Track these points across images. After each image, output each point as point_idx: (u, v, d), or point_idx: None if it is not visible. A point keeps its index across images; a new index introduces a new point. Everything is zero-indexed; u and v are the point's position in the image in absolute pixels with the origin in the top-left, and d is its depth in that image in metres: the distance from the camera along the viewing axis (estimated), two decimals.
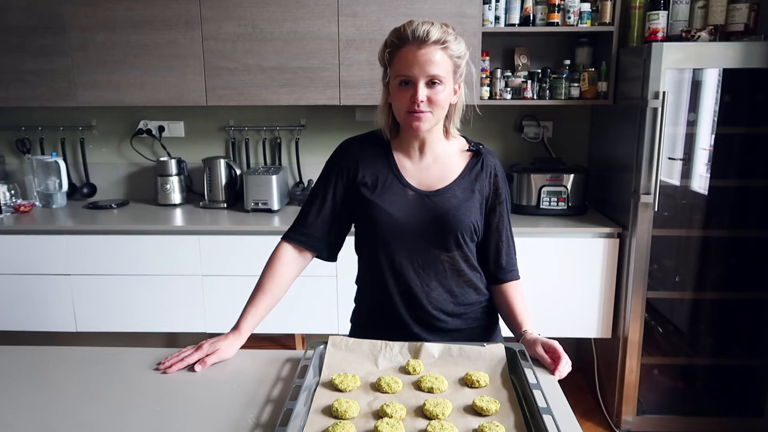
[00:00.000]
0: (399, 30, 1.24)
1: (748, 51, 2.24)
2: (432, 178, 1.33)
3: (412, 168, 1.34)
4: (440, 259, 1.32)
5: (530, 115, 2.95)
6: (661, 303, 2.64)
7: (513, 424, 1.00)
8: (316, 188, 1.40)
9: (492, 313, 1.43)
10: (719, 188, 2.49)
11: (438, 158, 1.35)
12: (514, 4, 2.58)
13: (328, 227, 1.38)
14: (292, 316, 2.57)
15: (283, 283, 1.37)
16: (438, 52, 1.21)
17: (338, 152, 1.40)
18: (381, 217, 1.30)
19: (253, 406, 1.10)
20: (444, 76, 1.22)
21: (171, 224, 2.62)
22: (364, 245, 1.38)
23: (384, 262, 1.33)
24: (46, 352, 1.32)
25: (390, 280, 1.33)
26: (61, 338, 2.84)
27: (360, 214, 1.35)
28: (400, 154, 1.36)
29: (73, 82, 2.62)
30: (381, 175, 1.34)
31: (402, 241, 1.31)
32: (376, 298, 1.37)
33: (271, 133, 3.03)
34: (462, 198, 1.31)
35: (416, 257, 1.32)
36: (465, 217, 1.30)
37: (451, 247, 1.32)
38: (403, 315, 1.34)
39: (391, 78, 1.26)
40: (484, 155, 1.36)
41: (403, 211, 1.30)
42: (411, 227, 1.30)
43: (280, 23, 2.54)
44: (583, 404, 2.77)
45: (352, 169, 1.35)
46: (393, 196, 1.31)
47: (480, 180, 1.34)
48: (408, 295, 1.33)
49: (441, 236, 1.30)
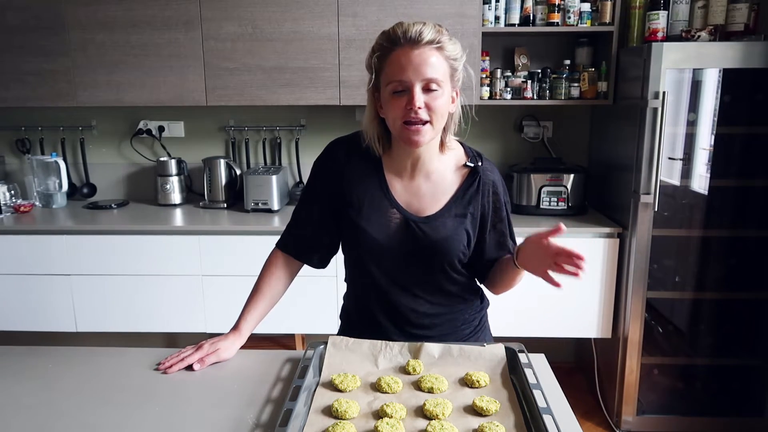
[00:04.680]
0: (388, 32, 1.14)
1: (748, 51, 2.24)
2: (423, 201, 1.25)
3: (401, 187, 1.26)
4: (425, 279, 1.28)
5: (530, 115, 2.95)
6: (661, 303, 2.64)
7: (513, 424, 1.00)
8: (305, 195, 1.34)
9: (479, 314, 1.40)
10: (719, 188, 2.49)
11: (431, 177, 1.26)
12: (514, 4, 2.58)
13: (317, 236, 1.33)
14: (292, 316, 2.57)
15: (279, 288, 1.36)
16: (433, 53, 1.11)
17: (326, 156, 1.31)
18: (365, 241, 1.24)
19: (253, 406, 1.10)
20: (441, 79, 1.12)
21: (171, 224, 2.62)
22: (349, 258, 1.35)
23: (367, 278, 1.29)
24: (46, 352, 1.32)
25: (372, 294, 1.30)
26: (61, 338, 2.84)
27: (345, 233, 1.29)
28: (391, 171, 1.26)
29: (72, 82, 2.62)
30: (368, 192, 1.25)
31: (385, 264, 1.26)
32: (360, 306, 1.36)
33: (271, 133, 3.03)
34: (452, 226, 1.24)
35: (399, 279, 1.27)
36: (453, 248, 1.24)
37: (436, 272, 1.27)
38: (387, 326, 1.32)
39: (383, 86, 1.15)
40: (481, 173, 1.26)
41: (389, 237, 1.24)
42: (396, 252, 1.24)
43: (280, 23, 2.54)
44: (583, 404, 2.77)
45: (338, 179, 1.27)
46: (380, 218, 1.24)
47: (475, 202, 1.25)
48: (392, 309, 1.30)
49: (426, 264, 1.26)
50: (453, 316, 1.34)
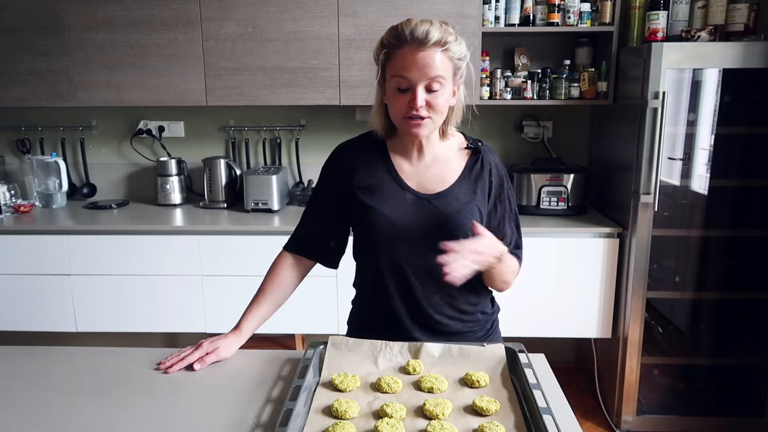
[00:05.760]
0: (396, 29, 1.16)
1: (748, 51, 2.24)
2: (432, 180, 1.29)
3: (410, 170, 1.30)
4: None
5: (530, 115, 2.95)
6: (661, 303, 2.64)
7: (513, 424, 1.00)
8: (314, 197, 1.38)
9: (491, 317, 1.40)
10: (719, 188, 2.49)
11: (437, 158, 1.30)
12: (514, 4, 2.58)
13: (327, 236, 1.36)
14: (292, 316, 2.56)
15: (284, 290, 1.37)
16: (438, 54, 1.14)
17: (333, 158, 1.36)
18: (380, 222, 1.26)
19: (253, 406, 1.10)
20: (444, 79, 1.16)
21: (171, 224, 2.62)
22: (363, 249, 1.36)
23: (384, 266, 1.30)
24: (46, 352, 1.32)
25: (390, 284, 1.30)
26: (61, 338, 2.84)
27: (358, 219, 1.31)
28: (397, 156, 1.31)
29: (72, 82, 2.62)
30: (378, 178, 1.29)
31: (402, 245, 1.27)
32: (377, 302, 1.35)
33: (271, 133, 3.03)
34: (464, 201, 1.27)
35: (416, 261, 1.28)
36: (468, 221, 1.24)
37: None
38: (403, 319, 1.32)
39: (387, 79, 1.20)
40: (483, 153, 1.32)
41: (403, 215, 1.26)
42: (411, 231, 1.26)
43: (280, 23, 2.54)
44: (583, 404, 2.77)
45: (347, 175, 1.31)
46: (391, 199, 1.27)
47: (481, 180, 1.30)
48: (409, 299, 1.30)
49: (443, 240, 1.25)
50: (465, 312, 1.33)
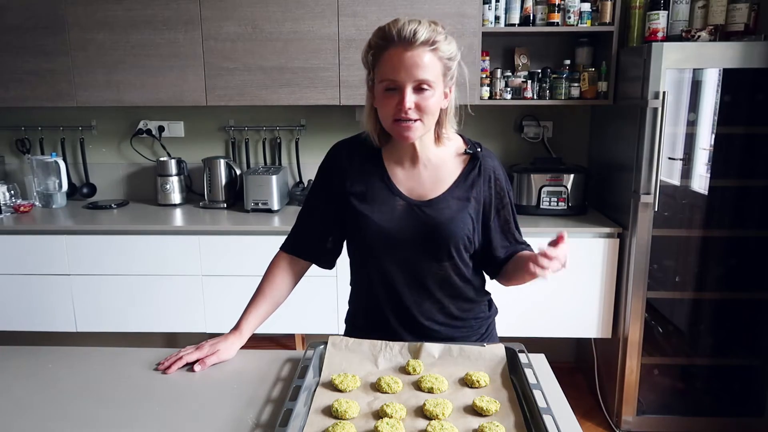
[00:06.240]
0: (383, 29, 1.14)
1: (748, 51, 2.24)
2: (424, 187, 1.26)
3: (403, 175, 1.27)
4: (431, 272, 1.27)
5: (530, 115, 2.95)
6: (661, 303, 2.64)
7: (513, 424, 1.00)
8: (310, 196, 1.37)
9: (486, 321, 1.39)
10: (719, 188, 2.49)
11: (431, 163, 1.27)
12: (514, 4, 2.58)
13: (323, 236, 1.35)
14: (292, 316, 2.56)
15: (281, 290, 1.36)
16: (426, 54, 1.11)
17: (329, 158, 1.34)
18: (370, 228, 1.25)
19: (253, 406, 1.10)
20: (433, 80, 1.13)
21: (171, 224, 2.62)
22: (354, 253, 1.35)
23: (374, 272, 1.29)
24: (46, 352, 1.32)
25: (380, 290, 1.30)
26: (61, 338, 2.84)
27: (350, 224, 1.30)
28: (392, 161, 1.28)
29: (72, 82, 2.62)
30: (370, 183, 1.27)
31: (392, 252, 1.26)
32: (368, 306, 1.35)
33: (271, 133, 3.02)
34: (456, 209, 1.24)
35: (406, 268, 1.27)
36: (458, 230, 1.24)
37: (443, 258, 1.26)
38: (393, 325, 1.31)
39: (376, 82, 1.17)
40: (481, 159, 1.28)
41: (393, 222, 1.24)
42: (401, 238, 1.24)
43: (280, 23, 2.54)
44: (583, 404, 2.77)
45: (341, 179, 1.29)
46: (383, 206, 1.25)
47: (477, 186, 1.27)
48: (398, 305, 1.30)
49: (432, 248, 1.25)
50: (456, 320, 1.32)
